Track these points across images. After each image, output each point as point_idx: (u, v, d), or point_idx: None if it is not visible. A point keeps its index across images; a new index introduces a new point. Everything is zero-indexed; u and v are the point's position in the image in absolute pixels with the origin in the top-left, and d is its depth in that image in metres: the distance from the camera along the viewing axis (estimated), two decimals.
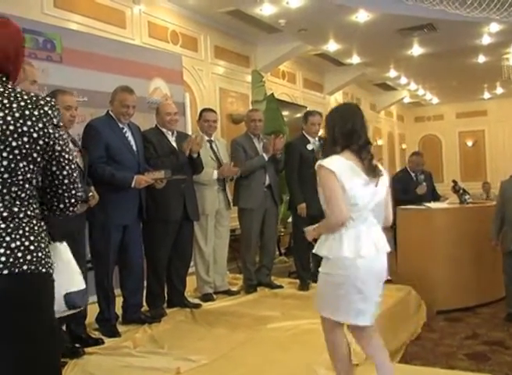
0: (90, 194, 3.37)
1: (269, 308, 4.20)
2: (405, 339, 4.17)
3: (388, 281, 5.63)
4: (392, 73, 11.10)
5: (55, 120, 1.62)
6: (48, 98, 1.66)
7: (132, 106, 3.76)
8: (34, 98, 1.58)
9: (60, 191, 1.69)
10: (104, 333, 3.58)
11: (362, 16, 6.89)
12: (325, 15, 6.77)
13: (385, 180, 2.59)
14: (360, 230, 2.47)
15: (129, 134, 3.83)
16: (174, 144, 4.16)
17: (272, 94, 7.20)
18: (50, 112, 1.61)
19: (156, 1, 6.32)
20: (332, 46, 8.51)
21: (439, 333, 4.51)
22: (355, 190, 2.42)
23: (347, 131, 2.49)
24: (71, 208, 1.73)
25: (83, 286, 1.81)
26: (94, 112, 4.38)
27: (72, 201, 1.72)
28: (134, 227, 3.84)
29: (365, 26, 7.18)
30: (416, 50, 8.90)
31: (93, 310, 3.63)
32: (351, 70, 10.23)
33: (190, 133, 5.25)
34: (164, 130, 4.17)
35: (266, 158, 4.77)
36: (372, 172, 2.48)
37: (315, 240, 2.69)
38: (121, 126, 3.78)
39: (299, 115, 7.89)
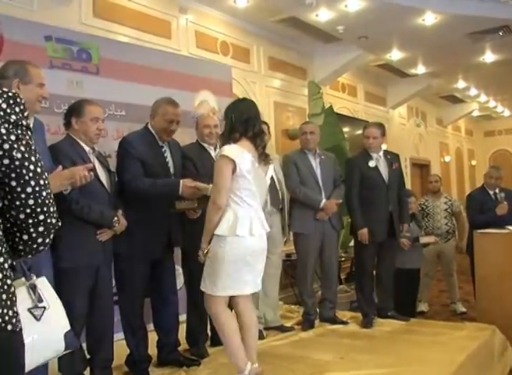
0: (116, 218, 2.95)
1: (327, 350, 3.62)
2: None
3: (463, 315, 4.96)
4: (461, 84, 10.33)
5: (12, 117, 1.20)
6: (6, 89, 1.25)
7: (176, 121, 3.34)
8: None
9: (22, 216, 1.22)
10: None
11: (430, 19, 6.27)
12: (388, 19, 6.20)
13: (271, 169, 3.15)
14: (251, 212, 2.79)
15: (167, 153, 3.42)
16: None
17: (331, 106, 6.72)
18: (4, 106, 1.20)
19: (204, 10, 5.98)
20: (395, 54, 7.94)
21: None
22: (249, 176, 2.76)
23: (244, 120, 2.81)
24: (39, 241, 1.26)
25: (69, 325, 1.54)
26: (132, 126, 3.99)
27: (40, 229, 1.24)
28: (166, 258, 3.40)
29: (432, 31, 6.56)
30: (488, 56, 8.15)
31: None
32: (416, 82, 9.58)
33: None
34: (205, 144, 3.71)
35: (321, 205, 4.24)
36: (263, 160, 2.89)
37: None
38: (160, 143, 3.37)
39: (360, 130, 7.34)
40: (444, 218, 5.87)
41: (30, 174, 1.21)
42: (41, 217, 1.23)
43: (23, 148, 1.20)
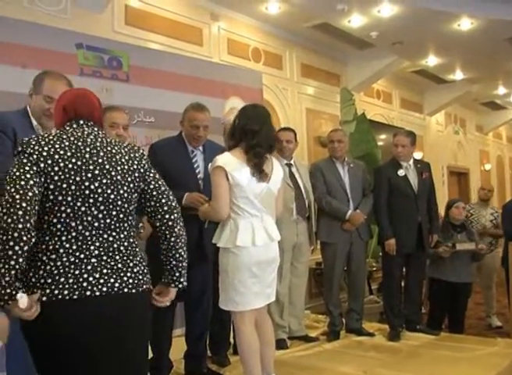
0: (141, 224, 2.93)
1: (350, 363, 3.54)
2: None
3: (499, 329, 4.76)
4: (501, 90, 10.04)
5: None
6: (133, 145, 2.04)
7: (203, 126, 3.27)
8: (130, 145, 2.01)
9: (152, 203, 1.98)
10: None
11: (465, 24, 6.12)
12: (423, 24, 6.08)
13: (278, 176, 2.84)
14: (253, 221, 2.71)
15: (198, 158, 3.34)
16: None
17: (363, 114, 6.60)
18: (144, 152, 2.03)
19: (236, 17, 5.99)
20: (431, 60, 7.77)
21: None
22: (245, 184, 2.66)
23: (244, 129, 2.71)
24: (175, 211, 2.00)
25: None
26: (161, 133, 4.06)
27: (173, 204, 2.00)
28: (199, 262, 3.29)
29: (469, 36, 6.40)
30: None
31: None
32: (454, 88, 9.35)
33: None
34: None
35: (347, 217, 4.18)
36: (257, 174, 2.71)
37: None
38: (190, 148, 3.33)
39: None
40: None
41: (156, 179, 2.05)
42: (166, 199, 2.02)
43: (153, 172, 2.06)
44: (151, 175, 1.99)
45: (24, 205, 1.66)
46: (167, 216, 1.96)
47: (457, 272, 4.61)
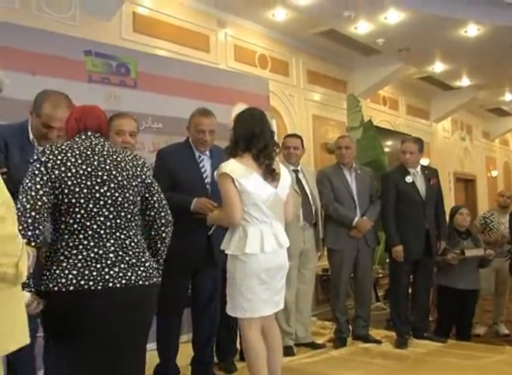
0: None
1: (357, 371, 3.54)
2: None
3: (507, 337, 4.69)
4: (508, 97, 10.03)
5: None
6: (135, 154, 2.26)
7: (209, 131, 3.26)
8: (132, 154, 2.23)
9: (152, 213, 2.21)
10: None
11: (472, 30, 6.13)
12: (429, 31, 6.08)
13: (286, 182, 2.81)
14: (262, 228, 2.68)
15: (206, 163, 3.34)
16: None
17: (370, 120, 6.60)
18: (145, 161, 2.25)
19: (243, 23, 6.01)
20: (438, 67, 7.78)
21: None
22: (253, 190, 2.64)
23: (246, 136, 2.68)
24: (170, 225, 2.26)
25: None
26: (169, 139, 4.06)
27: (169, 218, 2.25)
28: (208, 268, 3.32)
29: (476, 42, 6.40)
30: None
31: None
32: (461, 94, 9.34)
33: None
34: None
35: (354, 224, 4.18)
36: (269, 175, 2.70)
37: None
38: (197, 154, 3.33)
39: None
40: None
41: (156, 189, 2.27)
42: (163, 214, 2.26)
43: (154, 180, 2.28)
44: (156, 187, 2.22)
45: (33, 214, 1.91)
46: (163, 228, 2.23)
47: (465, 278, 4.57)
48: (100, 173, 2.04)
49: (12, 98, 3.33)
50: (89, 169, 2.02)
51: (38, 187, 1.95)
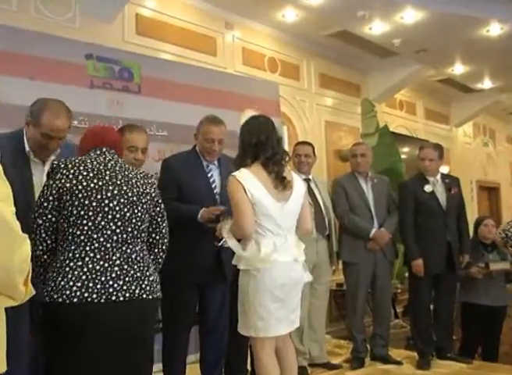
0: None
1: None
2: None
3: None
4: None
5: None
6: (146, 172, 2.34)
7: (218, 140, 3.17)
8: (144, 172, 2.33)
9: (158, 237, 2.33)
10: None
11: (495, 29, 5.92)
12: (449, 30, 5.90)
13: (300, 191, 2.71)
14: (275, 240, 2.57)
15: (214, 173, 3.24)
16: None
17: (386, 125, 6.42)
18: (154, 180, 2.35)
19: (251, 25, 5.87)
20: (458, 69, 7.58)
21: None
22: (265, 201, 2.55)
23: (253, 144, 2.63)
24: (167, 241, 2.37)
25: None
26: (175, 147, 3.92)
27: (168, 237, 2.37)
28: (217, 283, 3.17)
29: (498, 42, 6.19)
30: None
31: None
32: (482, 97, 9.08)
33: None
34: None
35: (371, 235, 4.00)
36: (280, 184, 2.60)
37: None
38: (204, 163, 3.22)
39: None
40: None
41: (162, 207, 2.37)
42: (164, 231, 2.38)
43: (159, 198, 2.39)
44: (163, 207, 2.33)
45: (43, 231, 2.11)
46: (161, 254, 2.36)
47: (491, 294, 4.40)
48: (111, 188, 2.12)
49: (10, 103, 3.28)
50: (100, 183, 2.11)
51: (46, 204, 2.09)
